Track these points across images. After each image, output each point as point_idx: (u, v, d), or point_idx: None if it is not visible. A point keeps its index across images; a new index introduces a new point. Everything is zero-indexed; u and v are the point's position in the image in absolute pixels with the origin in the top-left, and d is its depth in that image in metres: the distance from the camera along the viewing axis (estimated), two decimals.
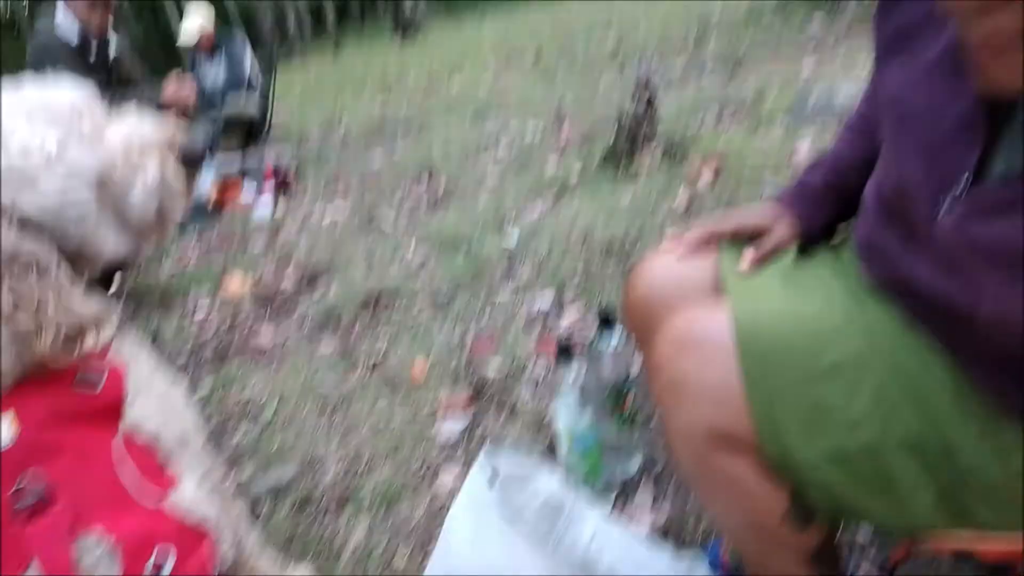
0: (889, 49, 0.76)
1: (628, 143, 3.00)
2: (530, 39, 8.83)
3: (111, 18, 3.78)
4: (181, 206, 0.88)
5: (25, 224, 0.71)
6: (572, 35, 8.20)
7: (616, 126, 3.06)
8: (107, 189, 0.79)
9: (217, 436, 1.84)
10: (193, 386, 2.11)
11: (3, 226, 0.69)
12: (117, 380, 0.78)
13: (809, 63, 4.12)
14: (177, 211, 0.87)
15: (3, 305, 0.69)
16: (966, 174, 0.64)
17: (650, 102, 2.94)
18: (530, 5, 16.26)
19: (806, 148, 2.79)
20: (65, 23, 3.63)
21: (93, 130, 0.78)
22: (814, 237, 0.97)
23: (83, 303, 0.75)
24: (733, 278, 0.89)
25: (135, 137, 0.83)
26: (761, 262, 0.92)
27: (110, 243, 0.81)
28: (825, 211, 0.97)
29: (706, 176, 2.73)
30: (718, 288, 0.89)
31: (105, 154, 0.79)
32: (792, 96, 3.43)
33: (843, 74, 3.67)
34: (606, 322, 1.31)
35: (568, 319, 2.02)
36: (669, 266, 0.95)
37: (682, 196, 2.62)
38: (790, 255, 0.93)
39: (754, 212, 0.99)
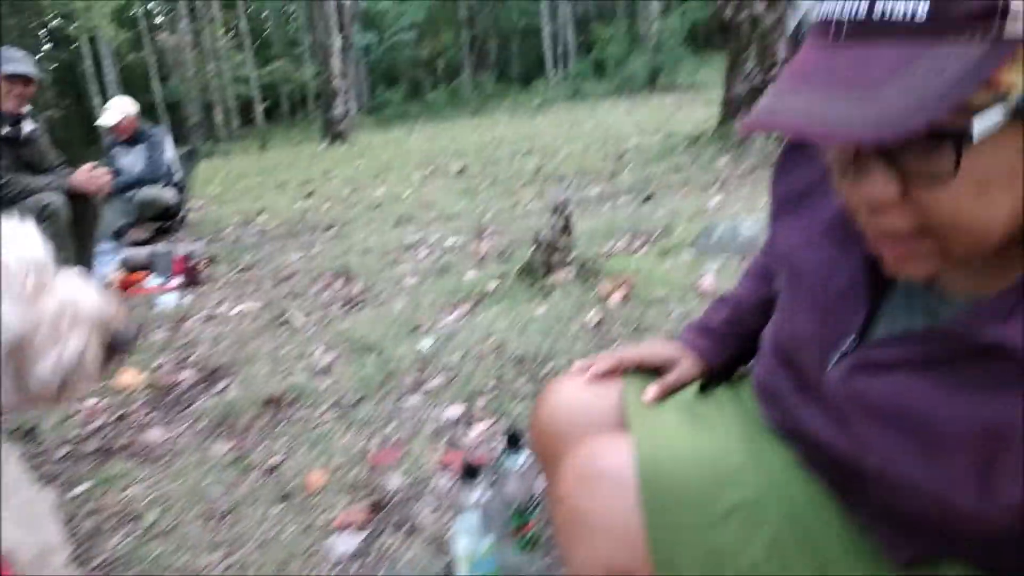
0: (783, 208, 0.81)
1: (544, 261, 3.09)
2: (456, 155, 9.12)
3: (28, 99, 3.73)
4: (87, 387, 0.83)
5: None
6: (496, 155, 8.53)
7: (533, 244, 3.15)
8: (19, 352, 0.75)
9: (91, 540, 1.69)
10: (70, 484, 1.95)
11: None
12: None
13: (715, 199, 4.40)
14: (80, 391, 0.82)
15: None
16: (852, 335, 0.69)
17: (566, 224, 3.04)
18: (457, 123, 16.93)
19: (711, 278, 2.93)
20: None
21: (34, 290, 0.75)
22: (716, 375, 1.01)
23: None
24: (636, 411, 0.90)
25: (71, 306, 0.79)
26: (664, 395, 0.94)
27: None
28: (727, 350, 1.01)
29: (617, 296, 2.82)
30: (622, 419, 0.91)
31: (33, 317, 0.75)
32: (699, 228, 3.63)
33: (746, 211, 3.92)
34: (513, 441, 1.30)
35: (476, 433, 1.99)
36: (575, 394, 0.96)
37: (594, 314, 2.68)
38: (693, 391, 0.96)
39: (659, 346, 1.02)
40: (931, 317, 0.65)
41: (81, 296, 0.79)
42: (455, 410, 2.12)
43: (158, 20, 25.30)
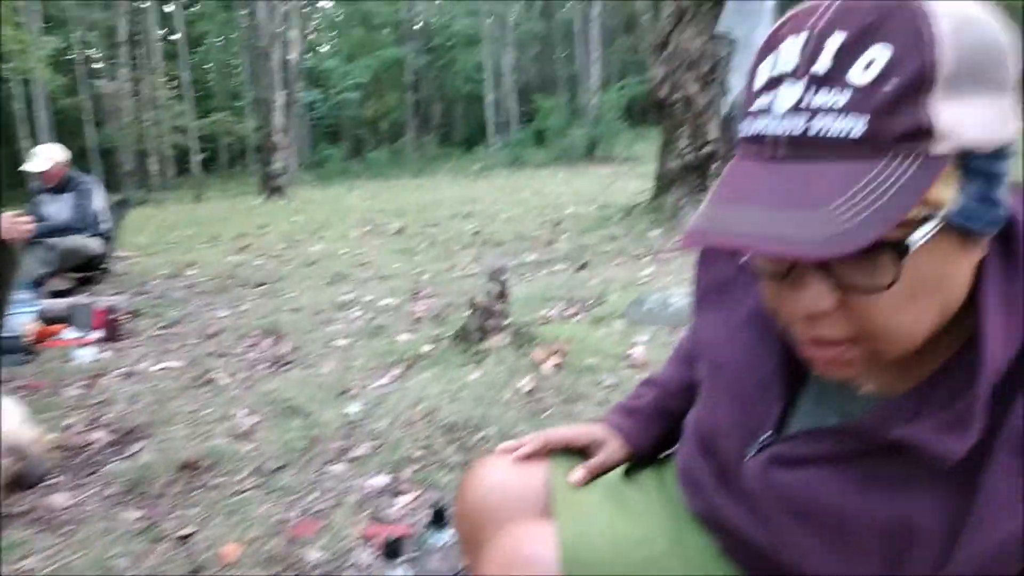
0: (705, 299, 0.83)
1: (479, 326, 3.09)
2: (395, 214, 9.14)
3: None
4: None
5: None
6: (435, 216, 8.59)
7: (469, 308, 3.16)
8: None
9: None
10: None
11: None
12: None
13: (648, 270, 4.51)
14: None
15: None
16: (769, 428, 0.70)
17: (502, 291, 3.06)
18: (399, 183, 17.02)
19: (641, 349, 2.98)
20: None
21: None
22: (642, 456, 1.01)
23: None
24: (562, 495, 0.89)
25: None
26: (591, 478, 0.93)
27: None
28: (652, 432, 1.01)
29: (550, 364, 2.83)
30: (548, 501, 0.90)
31: None
32: (631, 298, 3.70)
33: (676, 284, 4.02)
34: (439, 517, 1.27)
35: (401, 504, 1.94)
36: (501, 475, 0.95)
37: (527, 381, 2.68)
38: (618, 474, 0.96)
39: (586, 428, 1.01)
40: (843, 414, 0.66)
41: (4, 419, 0.78)
42: (381, 480, 2.07)
43: (97, 65, 24.91)
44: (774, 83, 0.53)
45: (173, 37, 23.99)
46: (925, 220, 0.50)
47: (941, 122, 0.48)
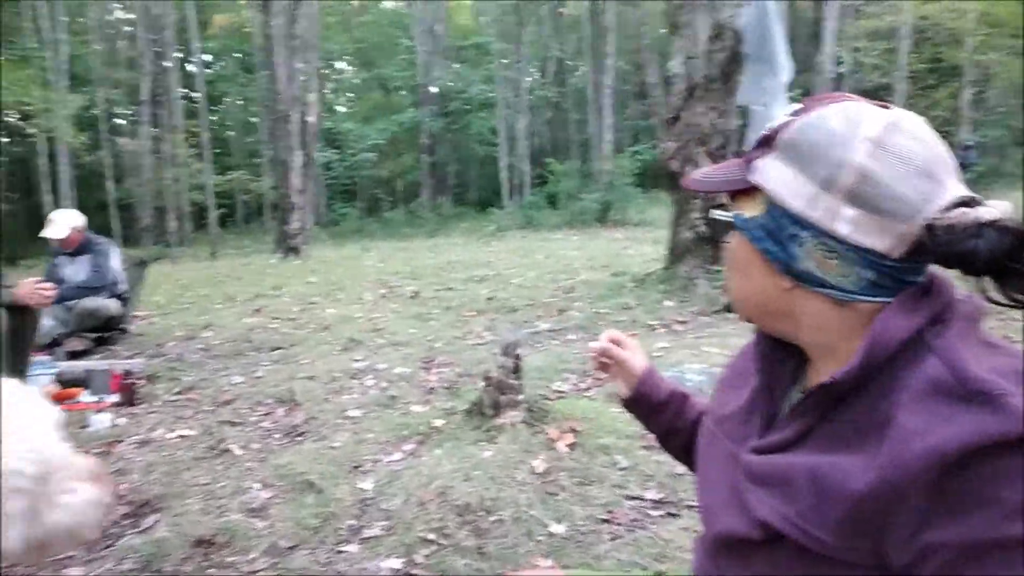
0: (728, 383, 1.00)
1: (492, 401, 3.09)
2: (410, 277, 9.23)
3: None
4: (72, 543, 0.87)
5: None
6: (450, 279, 8.66)
7: (483, 381, 3.17)
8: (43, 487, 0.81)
9: None
10: None
11: None
12: None
13: (661, 343, 4.52)
14: (64, 546, 0.86)
15: None
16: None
17: (517, 366, 3.08)
18: (414, 243, 17.20)
19: None
20: None
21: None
22: (632, 401, 1.20)
23: None
24: None
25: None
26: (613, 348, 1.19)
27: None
28: (655, 398, 1.18)
29: (564, 442, 2.83)
30: None
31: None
32: None
33: (691, 358, 4.03)
34: None
35: None
36: None
37: (541, 460, 2.68)
38: None
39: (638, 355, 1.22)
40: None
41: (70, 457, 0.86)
42: (394, 563, 2.06)
43: (119, 122, 25.56)
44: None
45: (194, 95, 24.63)
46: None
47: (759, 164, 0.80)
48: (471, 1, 33.54)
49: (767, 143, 0.80)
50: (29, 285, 3.75)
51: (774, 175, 0.77)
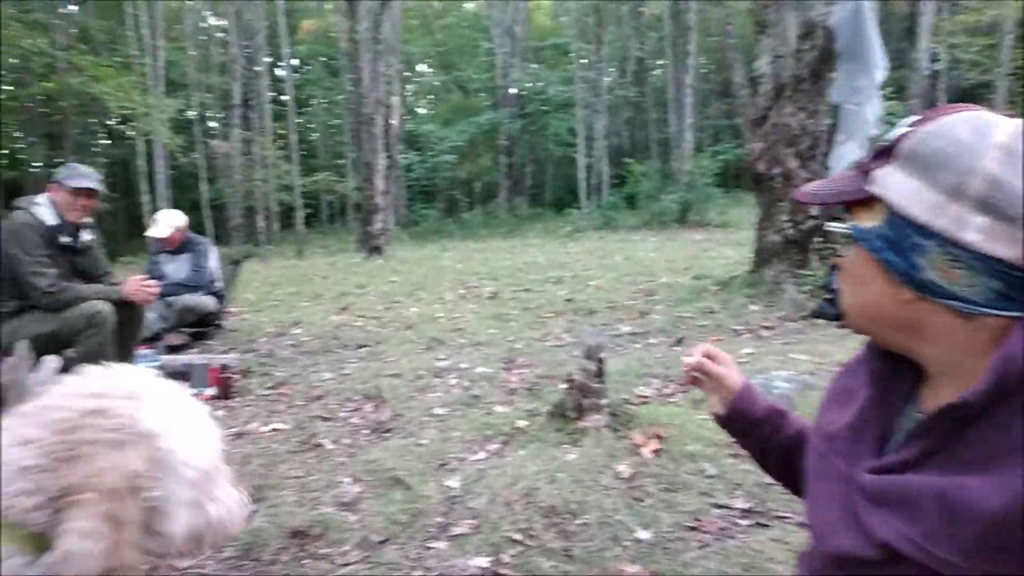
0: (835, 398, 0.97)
1: (575, 404, 3.10)
2: (488, 277, 9.32)
3: (90, 211, 3.95)
4: (210, 544, 0.95)
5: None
6: (527, 280, 8.70)
7: (565, 383, 3.18)
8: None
9: None
10: None
11: None
12: None
13: (747, 348, 4.42)
14: (215, 541, 0.96)
15: None
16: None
17: (599, 370, 3.07)
18: (491, 243, 17.35)
19: None
20: (45, 205, 3.77)
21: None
22: (726, 418, 1.19)
23: None
24: None
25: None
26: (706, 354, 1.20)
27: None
28: (751, 417, 1.16)
29: (649, 449, 2.81)
30: None
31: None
32: None
33: (778, 365, 3.93)
34: None
35: None
36: None
37: (626, 465, 2.67)
38: None
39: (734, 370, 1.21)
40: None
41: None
42: (481, 561, 2.09)
43: (212, 125, 26.68)
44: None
45: (283, 99, 25.47)
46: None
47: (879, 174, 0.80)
48: (550, 1, 33.55)
49: (886, 153, 0.79)
50: (135, 283, 3.97)
51: (895, 185, 0.77)
